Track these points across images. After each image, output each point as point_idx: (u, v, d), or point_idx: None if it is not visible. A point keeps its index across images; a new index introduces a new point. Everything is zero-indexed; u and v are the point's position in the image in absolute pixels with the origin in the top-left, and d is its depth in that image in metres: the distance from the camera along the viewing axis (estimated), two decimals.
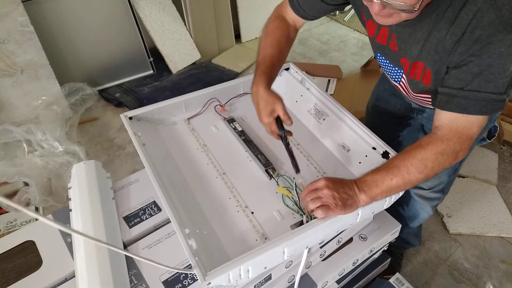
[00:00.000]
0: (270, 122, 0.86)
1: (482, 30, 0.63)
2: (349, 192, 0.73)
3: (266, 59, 0.89)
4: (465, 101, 0.68)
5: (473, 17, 0.63)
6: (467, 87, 0.68)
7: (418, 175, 0.72)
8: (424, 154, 0.72)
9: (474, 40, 0.64)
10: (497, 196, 1.71)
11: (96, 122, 2.10)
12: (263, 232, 0.80)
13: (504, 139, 1.94)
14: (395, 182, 0.73)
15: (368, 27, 0.86)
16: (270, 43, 0.91)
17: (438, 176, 1.05)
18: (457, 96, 0.69)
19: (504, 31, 0.62)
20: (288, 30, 0.94)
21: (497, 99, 0.67)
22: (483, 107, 0.68)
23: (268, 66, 0.88)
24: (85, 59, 2.18)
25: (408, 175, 0.72)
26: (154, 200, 0.92)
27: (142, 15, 2.23)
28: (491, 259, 1.49)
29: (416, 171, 0.72)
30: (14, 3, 1.70)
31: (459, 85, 0.68)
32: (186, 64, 2.47)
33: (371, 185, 0.73)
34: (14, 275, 0.79)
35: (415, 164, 0.72)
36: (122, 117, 0.95)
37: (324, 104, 1.03)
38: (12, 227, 1.44)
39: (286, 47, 0.94)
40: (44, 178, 1.61)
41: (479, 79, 0.66)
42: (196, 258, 0.65)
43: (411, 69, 0.80)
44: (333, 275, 0.94)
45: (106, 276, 0.73)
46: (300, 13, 0.93)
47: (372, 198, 0.74)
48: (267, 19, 0.96)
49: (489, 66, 0.65)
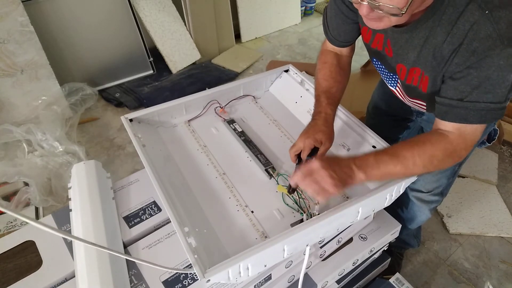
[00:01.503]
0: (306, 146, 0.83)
1: (479, 43, 0.63)
2: (346, 170, 0.72)
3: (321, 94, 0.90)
4: (465, 111, 0.69)
5: (470, 29, 0.63)
6: (466, 98, 0.68)
7: (422, 169, 0.73)
8: (434, 151, 0.72)
9: (471, 52, 0.64)
10: (497, 196, 1.71)
11: (96, 122, 2.10)
12: (263, 231, 0.80)
13: (504, 139, 1.94)
14: (398, 169, 0.72)
15: (363, 33, 0.87)
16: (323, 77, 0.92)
17: (437, 179, 1.05)
18: (457, 107, 0.70)
19: (501, 45, 0.62)
20: (336, 59, 0.94)
21: (497, 108, 0.68)
22: (482, 117, 0.69)
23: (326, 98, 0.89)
24: (85, 59, 2.18)
25: (413, 167, 0.72)
26: (154, 200, 0.92)
27: (142, 15, 2.23)
28: (491, 259, 1.49)
29: (421, 165, 0.72)
30: (14, 3, 1.70)
31: (459, 96, 0.69)
32: (186, 64, 2.48)
33: (372, 166, 0.72)
34: (14, 275, 0.79)
35: (423, 158, 0.72)
36: (122, 119, 0.96)
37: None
38: (12, 227, 1.44)
39: (340, 76, 0.93)
40: (44, 178, 1.61)
41: (478, 91, 0.67)
42: (196, 256, 0.65)
43: (408, 74, 0.80)
44: (333, 275, 0.94)
45: (106, 276, 0.73)
46: (337, 43, 0.93)
47: (370, 178, 0.73)
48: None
49: (488, 78, 0.65)
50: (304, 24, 3.09)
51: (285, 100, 1.14)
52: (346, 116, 0.99)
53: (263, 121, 1.08)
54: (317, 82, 0.93)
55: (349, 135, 0.97)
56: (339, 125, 1.00)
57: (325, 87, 0.90)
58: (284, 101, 1.14)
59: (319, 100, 0.89)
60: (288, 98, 1.13)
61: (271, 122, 1.08)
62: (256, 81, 1.15)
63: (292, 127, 1.05)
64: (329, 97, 0.89)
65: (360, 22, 0.85)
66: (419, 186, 1.08)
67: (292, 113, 1.10)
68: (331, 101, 0.89)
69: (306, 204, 0.84)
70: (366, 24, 0.70)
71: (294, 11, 3.02)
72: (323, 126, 0.85)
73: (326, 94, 0.89)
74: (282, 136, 1.03)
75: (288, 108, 1.12)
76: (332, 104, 0.89)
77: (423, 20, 0.69)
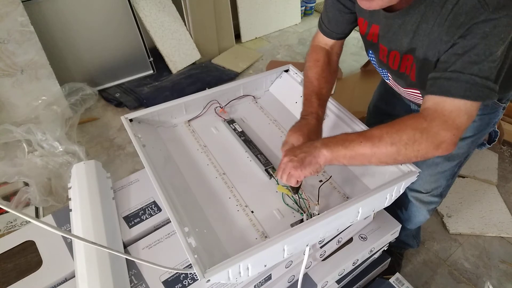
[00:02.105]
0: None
1: (465, 16, 0.62)
2: (305, 149, 0.72)
3: (312, 94, 0.89)
4: (448, 82, 0.65)
5: (455, 4, 0.63)
6: (450, 68, 0.65)
7: (389, 147, 0.67)
8: (402, 126, 0.68)
9: (457, 26, 0.63)
10: (497, 196, 1.71)
11: (96, 122, 2.10)
12: (263, 231, 0.80)
13: (504, 139, 1.94)
14: (362, 147, 0.69)
15: (360, 24, 0.87)
16: (314, 76, 0.91)
17: (436, 179, 1.05)
18: (440, 78, 0.66)
19: (486, 12, 0.60)
20: (327, 58, 0.94)
21: (483, 84, 0.63)
22: (466, 90, 0.64)
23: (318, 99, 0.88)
24: (85, 59, 2.18)
25: (379, 143, 0.68)
26: (154, 200, 0.92)
27: (142, 15, 2.23)
28: (491, 259, 1.49)
29: (388, 140, 0.67)
30: (14, 3, 1.70)
31: (443, 67, 0.66)
32: (186, 64, 2.48)
33: (337, 143, 0.71)
34: (14, 275, 0.79)
35: (390, 133, 0.68)
36: (122, 119, 0.96)
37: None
38: (12, 227, 1.44)
39: (330, 76, 0.93)
40: (44, 178, 1.61)
41: (462, 60, 0.64)
42: (196, 256, 0.65)
43: (401, 62, 0.79)
44: (333, 275, 0.94)
45: (106, 276, 0.73)
46: (332, 36, 0.93)
47: (335, 157, 0.71)
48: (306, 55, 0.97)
49: (473, 47, 0.62)
50: (304, 24, 3.09)
51: (285, 100, 1.14)
52: (346, 116, 0.99)
53: (263, 121, 1.08)
54: (308, 81, 0.92)
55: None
56: (339, 125, 1.00)
57: (316, 87, 0.90)
58: (284, 101, 1.14)
59: (310, 100, 0.88)
60: (288, 98, 1.13)
61: (271, 122, 1.08)
62: (256, 81, 1.15)
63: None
64: (320, 99, 0.88)
65: (357, 11, 0.85)
66: (417, 186, 1.08)
67: (292, 113, 1.10)
68: (321, 103, 0.88)
69: (306, 204, 0.84)
70: (359, 4, 0.69)
71: (294, 11, 3.02)
72: (316, 126, 0.84)
73: (317, 95, 0.88)
74: (282, 136, 1.03)
75: (288, 108, 1.12)
76: (323, 106, 0.88)
77: (416, 5, 0.69)
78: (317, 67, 0.92)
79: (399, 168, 0.85)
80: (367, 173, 0.91)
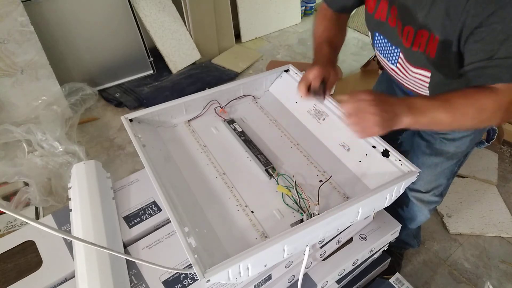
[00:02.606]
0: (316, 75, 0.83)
1: None
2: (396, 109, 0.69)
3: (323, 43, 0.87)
4: (497, 70, 0.65)
5: None
6: (496, 55, 0.64)
7: (470, 121, 0.69)
8: (486, 102, 0.67)
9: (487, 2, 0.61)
10: (497, 196, 1.71)
11: (96, 122, 2.10)
12: (263, 231, 0.80)
13: (504, 139, 1.94)
14: (446, 118, 0.69)
15: (367, 2, 0.85)
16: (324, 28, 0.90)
17: (436, 178, 1.05)
18: (487, 66, 0.66)
19: None
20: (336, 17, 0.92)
21: None
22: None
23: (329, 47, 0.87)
24: (85, 59, 2.18)
25: (461, 117, 0.69)
26: (154, 200, 0.92)
27: (142, 15, 2.23)
28: (491, 259, 1.49)
29: (471, 116, 0.68)
30: (14, 3, 1.70)
31: (487, 56, 0.65)
32: (186, 64, 2.48)
33: (421, 111, 0.69)
34: (14, 275, 0.79)
35: (474, 108, 0.68)
36: (122, 119, 0.96)
37: (324, 104, 1.03)
38: (12, 227, 1.44)
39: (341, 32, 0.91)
40: (44, 178, 1.61)
41: (506, 45, 0.63)
42: (196, 256, 0.65)
43: (415, 39, 0.77)
44: (333, 275, 0.94)
45: (106, 276, 0.73)
46: (335, 6, 0.92)
47: (415, 124, 0.70)
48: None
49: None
50: (304, 24, 3.09)
51: (285, 100, 1.14)
52: None
53: (263, 121, 1.08)
54: (318, 34, 0.90)
55: (348, 135, 0.97)
56: (339, 124, 1.00)
57: (327, 36, 0.87)
58: (284, 101, 1.14)
59: (321, 48, 0.86)
60: (288, 98, 1.13)
61: (271, 122, 1.08)
62: (256, 81, 1.15)
63: (292, 127, 1.05)
64: (332, 46, 0.86)
65: None
66: (418, 186, 1.08)
67: (292, 113, 1.10)
68: (333, 50, 0.86)
69: (306, 204, 0.84)
70: None
71: (294, 11, 3.03)
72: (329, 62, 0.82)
73: (328, 44, 0.86)
74: (282, 136, 1.03)
75: (288, 108, 1.12)
76: (336, 52, 0.86)
77: None
78: (326, 21, 0.90)
79: (399, 168, 0.85)
80: (367, 173, 0.91)
